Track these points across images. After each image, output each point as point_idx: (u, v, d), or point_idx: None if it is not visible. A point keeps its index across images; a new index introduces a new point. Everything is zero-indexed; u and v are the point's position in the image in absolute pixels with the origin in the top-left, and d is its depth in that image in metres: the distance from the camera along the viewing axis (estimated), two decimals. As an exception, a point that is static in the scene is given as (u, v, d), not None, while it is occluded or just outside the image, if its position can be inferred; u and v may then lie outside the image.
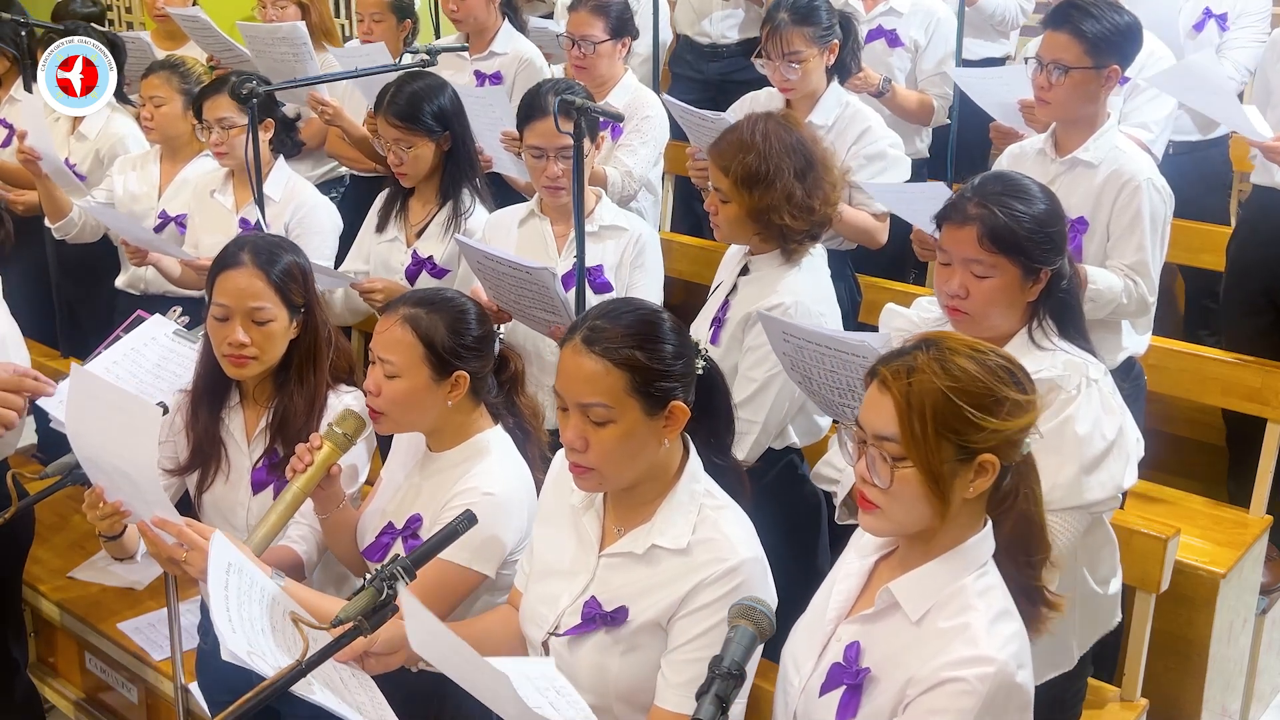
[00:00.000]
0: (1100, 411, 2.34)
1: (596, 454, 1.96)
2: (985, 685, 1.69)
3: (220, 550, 1.99)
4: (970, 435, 1.73)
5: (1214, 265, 4.18)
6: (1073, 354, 2.39)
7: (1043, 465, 2.26)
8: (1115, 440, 2.35)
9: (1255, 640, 3.48)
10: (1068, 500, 2.31)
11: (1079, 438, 2.30)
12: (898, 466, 1.74)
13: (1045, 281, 2.38)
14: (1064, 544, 2.33)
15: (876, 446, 1.76)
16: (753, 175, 2.80)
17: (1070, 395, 2.31)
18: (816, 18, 3.60)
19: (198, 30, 4.94)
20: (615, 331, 1.97)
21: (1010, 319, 2.41)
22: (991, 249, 2.34)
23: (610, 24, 4.01)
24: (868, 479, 1.78)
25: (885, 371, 1.77)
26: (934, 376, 1.73)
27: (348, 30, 6.84)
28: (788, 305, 2.81)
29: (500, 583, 2.35)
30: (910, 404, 1.73)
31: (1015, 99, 3.55)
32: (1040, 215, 2.38)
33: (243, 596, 1.95)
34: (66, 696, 3.49)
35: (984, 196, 2.38)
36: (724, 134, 2.93)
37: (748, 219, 2.84)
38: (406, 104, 3.40)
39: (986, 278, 2.36)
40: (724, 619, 1.90)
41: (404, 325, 2.36)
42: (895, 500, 1.77)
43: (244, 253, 2.61)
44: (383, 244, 3.58)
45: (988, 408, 1.73)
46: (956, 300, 2.39)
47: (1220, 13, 4.24)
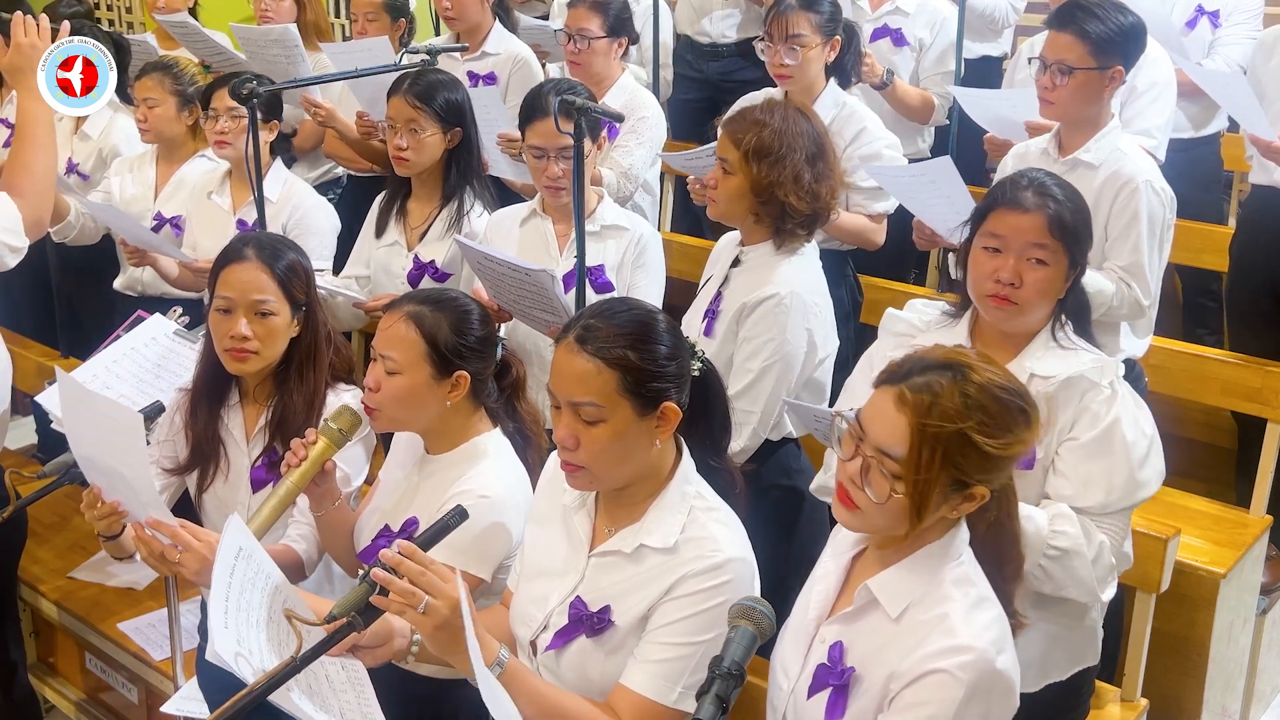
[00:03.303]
0: (1136, 410, 2.35)
1: (587, 453, 1.96)
2: (967, 674, 1.70)
3: (234, 534, 1.96)
4: (973, 472, 1.75)
5: (1210, 264, 4.18)
6: (1095, 352, 2.39)
7: (1096, 471, 2.30)
8: (1153, 435, 2.37)
9: (1255, 640, 3.47)
10: (1124, 501, 2.32)
11: (1128, 442, 2.30)
12: (896, 486, 1.76)
13: (1075, 279, 2.39)
14: (1119, 545, 2.34)
15: (877, 459, 1.77)
16: (764, 149, 2.80)
17: (1108, 396, 2.31)
18: (821, 6, 3.63)
19: (187, 36, 4.95)
20: (609, 331, 1.97)
21: (1045, 314, 2.41)
22: (1058, 236, 2.33)
23: (608, 21, 4.02)
24: (858, 484, 1.79)
25: (906, 390, 1.77)
26: (955, 413, 1.74)
27: (346, 30, 6.84)
28: (782, 295, 2.81)
29: (495, 585, 2.34)
30: (925, 434, 1.74)
31: (1021, 119, 3.55)
32: (1083, 210, 2.41)
33: (246, 583, 1.93)
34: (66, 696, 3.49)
35: (1036, 186, 2.38)
36: (741, 110, 2.94)
37: (750, 193, 2.84)
38: (427, 88, 3.42)
39: (1044, 265, 2.34)
40: (703, 611, 1.93)
41: (407, 322, 2.36)
42: (880, 511, 1.78)
43: (249, 248, 2.64)
44: (383, 249, 3.56)
45: (998, 443, 1.75)
46: (1008, 289, 2.35)
47: (1212, 9, 4.26)
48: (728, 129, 2.89)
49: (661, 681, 1.94)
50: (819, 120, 2.98)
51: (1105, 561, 2.32)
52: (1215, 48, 4.27)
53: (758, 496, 2.85)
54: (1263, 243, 3.83)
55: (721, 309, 2.92)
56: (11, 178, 2.96)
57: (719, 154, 2.89)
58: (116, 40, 4.38)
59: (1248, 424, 3.74)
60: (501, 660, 1.87)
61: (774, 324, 2.82)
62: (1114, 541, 2.33)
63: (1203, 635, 3.15)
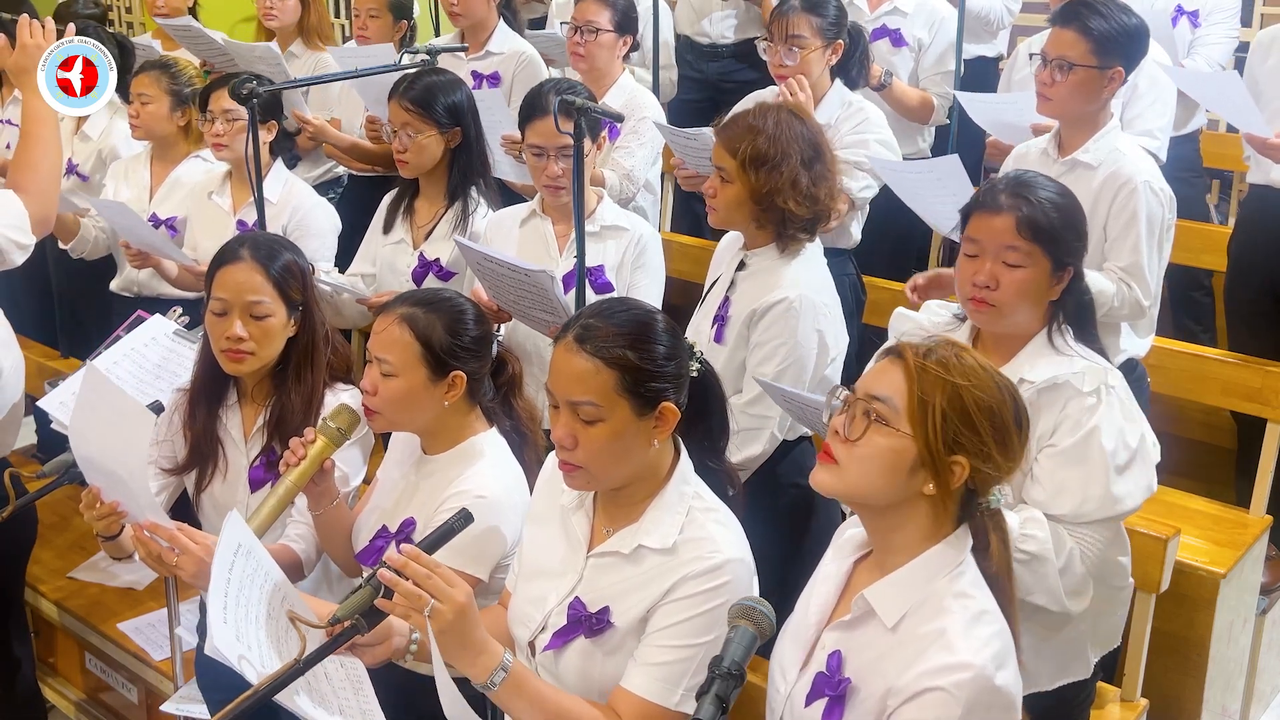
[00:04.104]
0: (1122, 420, 2.33)
1: (585, 452, 1.96)
2: (964, 692, 1.67)
3: (233, 530, 1.96)
4: (962, 431, 1.73)
5: (1196, 262, 4.18)
6: (1090, 359, 2.38)
7: (1071, 478, 2.29)
8: (1139, 448, 2.34)
9: (1255, 640, 3.47)
10: (1100, 512, 2.30)
11: (1105, 450, 2.29)
12: (874, 425, 1.75)
13: (1067, 280, 2.38)
14: (1094, 557, 2.33)
15: (865, 403, 1.77)
16: (760, 157, 2.80)
17: (1092, 404, 2.30)
18: (825, 10, 3.64)
19: (190, 38, 4.96)
20: (607, 330, 1.97)
21: (1033, 318, 2.40)
22: (1029, 237, 2.34)
23: (615, 16, 4.03)
24: (840, 432, 1.78)
25: (905, 346, 1.79)
26: (952, 364, 1.75)
27: (347, 30, 6.84)
28: (792, 299, 2.81)
29: (493, 586, 2.34)
30: (924, 378, 1.74)
31: (1026, 123, 3.55)
32: (1071, 210, 2.40)
33: (245, 579, 1.93)
34: (67, 696, 3.49)
35: (1016, 187, 2.39)
36: (734, 117, 2.94)
37: (749, 201, 2.84)
38: (422, 91, 3.41)
39: (1019, 267, 2.34)
40: (703, 613, 1.93)
41: (401, 324, 2.36)
42: (856, 459, 1.76)
43: (244, 249, 2.63)
44: (389, 246, 3.56)
45: (986, 414, 1.74)
46: (985, 292, 2.36)
47: (1192, 9, 4.28)
48: (722, 137, 2.88)
49: (663, 684, 1.94)
50: (813, 121, 2.98)
51: (1075, 571, 2.29)
52: (1195, 47, 4.28)
53: (772, 495, 2.87)
54: (1261, 242, 3.83)
55: (731, 315, 2.91)
56: (17, 175, 3.00)
57: (715, 162, 2.89)
58: (120, 41, 4.39)
59: (1247, 424, 3.73)
60: (506, 665, 1.86)
61: (785, 328, 2.82)
62: (1088, 552, 2.31)
63: (1203, 635, 3.15)
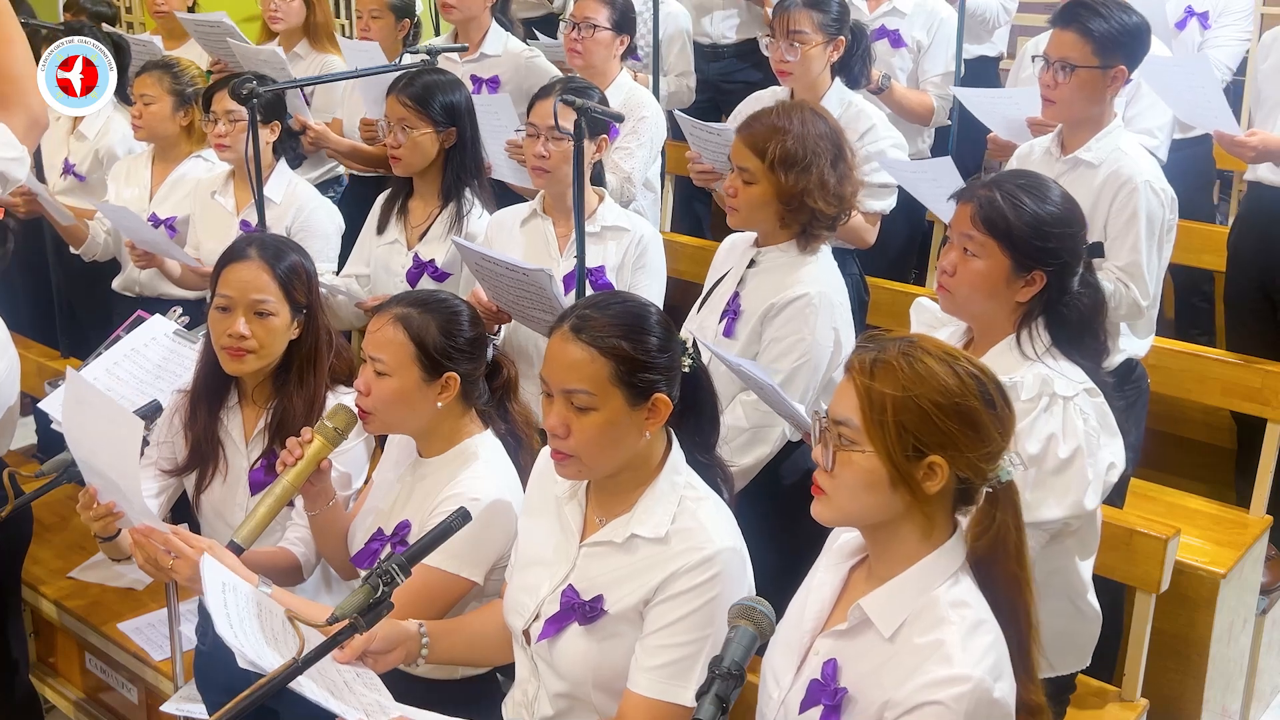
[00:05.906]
0: (1058, 430, 2.31)
1: (578, 441, 1.99)
2: (962, 705, 1.66)
3: (212, 573, 2.00)
4: (923, 434, 1.71)
5: (1203, 264, 4.18)
6: (1052, 369, 2.35)
7: None
8: (1070, 460, 2.31)
9: (1255, 640, 3.47)
10: None
11: (1027, 453, 2.27)
12: (842, 449, 1.74)
13: (1039, 285, 2.36)
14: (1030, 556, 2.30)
15: (833, 431, 1.77)
16: (790, 158, 2.80)
17: (1025, 410, 2.26)
18: (827, 6, 3.64)
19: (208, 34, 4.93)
20: (602, 321, 2.00)
21: (997, 315, 2.40)
22: (981, 229, 2.36)
23: (614, 15, 4.04)
24: (820, 464, 1.78)
25: (854, 359, 1.78)
26: (898, 371, 1.73)
27: (348, 30, 6.84)
28: (811, 295, 2.82)
29: (489, 588, 2.34)
30: (870, 394, 1.73)
31: (1025, 117, 3.55)
32: (1045, 216, 2.36)
33: (241, 613, 1.97)
34: (66, 697, 3.49)
35: (997, 182, 2.41)
36: (756, 116, 2.92)
37: (776, 201, 2.83)
38: (421, 89, 3.42)
39: (976, 257, 2.38)
40: (700, 607, 1.94)
41: (396, 324, 2.36)
42: (840, 487, 1.76)
43: (251, 247, 2.64)
44: (383, 246, 3.56)
45: (946, 411, 1.71)
46: (943, 276, 2.43)
47: (1202, 11, 4.26)
48: (744, 136, 2.87)
49: (670, 683, 1.95)
50: (833, 119, 2.98)
51: None
52: (1205, 49, 4.25)
53: (775, 495, 2.87)
54: (1254, 237, 3.84)
55: (743, 310, 2.90)
56: None
57: (737, 162, 2.87)
58: (116, 41, 4.38)
59: (1247, 424, 3.73)
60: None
61: (804, 324, 2.82)
62: None
63: (1203, 635, 3.14)
